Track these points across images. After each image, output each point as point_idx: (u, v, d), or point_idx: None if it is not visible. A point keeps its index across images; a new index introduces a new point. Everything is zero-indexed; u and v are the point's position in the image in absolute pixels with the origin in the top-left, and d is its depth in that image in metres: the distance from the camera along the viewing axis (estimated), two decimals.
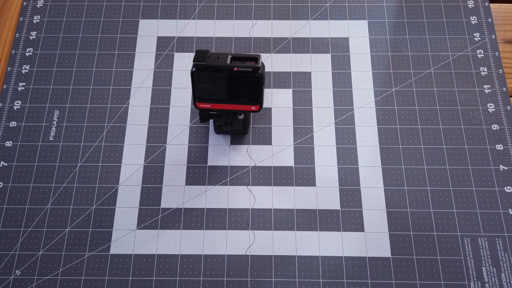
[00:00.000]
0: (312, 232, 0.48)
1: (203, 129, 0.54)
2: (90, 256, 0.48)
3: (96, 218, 0.49)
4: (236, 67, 0.42)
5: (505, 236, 0.48)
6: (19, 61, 0.58)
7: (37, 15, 0.60)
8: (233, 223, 0.49)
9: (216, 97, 0.45)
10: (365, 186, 0.50)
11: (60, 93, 0.56)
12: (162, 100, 0.55)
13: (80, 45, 0.58)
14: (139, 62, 0.57)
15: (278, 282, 0.46)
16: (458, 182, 0.51)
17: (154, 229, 0.49)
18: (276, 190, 0.50)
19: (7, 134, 0.53)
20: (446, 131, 0.53)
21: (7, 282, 0.47)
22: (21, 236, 0.49)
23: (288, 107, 0.55)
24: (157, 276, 0.47)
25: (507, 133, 0.53)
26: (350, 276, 0.46)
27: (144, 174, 0.51)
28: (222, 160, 0.52)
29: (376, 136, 0.53)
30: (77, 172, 0.51)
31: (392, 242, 0.48)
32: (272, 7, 0.60)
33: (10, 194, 0.50)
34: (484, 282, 0.46)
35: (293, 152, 0.52)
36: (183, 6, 0.61)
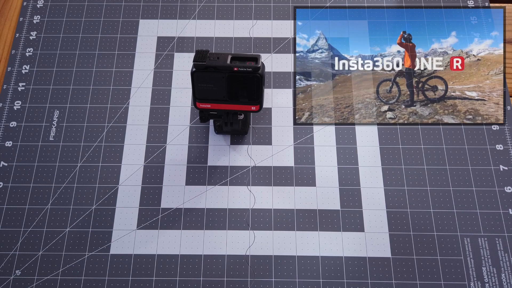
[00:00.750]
0: (312, 232, 0.48)
1: (203, 129, 0.54)
2: (90, 256, 0.48)
3: (96, 218, 0.49)
4: (236, 67, 0.42)
5: (505, 236, 0.48)
6: (19, 61, 0.58)
7: (37, 15, 0.60)
8: (233, 223, 0.49)
9: (216, 97, 0.45)
10: (365, 186, 0.50)
11: (60, 93, 0.56)
12: (162, 100, 0.55)
13: (80, 45, 0.58)
14: (139, 62, 0.57)
15: (278, 282, 0.46)
16: (458, 182, 0.51)
17: (154, 229, 0.49)
18: (276, 190, 0.50)
19: (7, 134, 0.53)
20: (446, 131, 0.53)
21: (7, 282, 0.47)
22: (21, 236, 0.49)
23: (288, 107, 0.55)
24: (157, 276, 0.47)
25: (507, 133, 0.53)
26: (350, 276, 0.46)
27: (144, 174, 0.51)
28: (222, 160, 0.52)
29: (376, 136, 0.53)
30: (77, 172, 0.51)
31: (392, 242, 0.48)
32: (272, 7, 0.60)
33: (10, 194, 0.50)
34: (484, 282, 0.46)
35: (293, 152, 0.52)
36: (183, 6, 0.61)
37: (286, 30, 0.59)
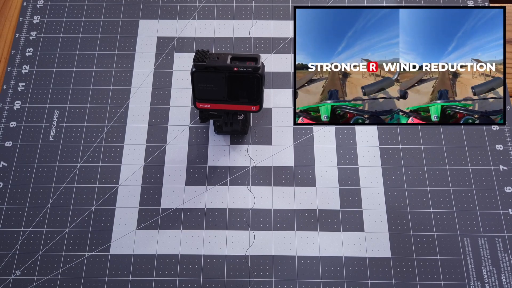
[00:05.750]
0: (312, 232, 0.48)
1: (203, 129, 0.54)
2: (90, 256, 0.48)
3: (96, 218, 0.49)
4: (236, 67, 0.42)
5: (505, 236, 0.48)
6: (19, 61, 0.58)
7: (37, 15, 0.60)
8: (233, 223, 0.49)
9: (216, 97, 0.45)
10: (365, 186, 0.51)
11: (60, 93, 0.56)
12: (162, 100, 0.55)
13: (80, 45, 0.58)
14: (139, 62, 0.57)
15: (278, 282, 0.46)
16: (458, 182, 0.51)
17: (154, 229, 0.49)
18: (276, 190, 0.50)
19: (7, 134, 0.53)
20: (446, 131, 0.53)
21: (7, 282, 0.47)
22: (21, 236, 0.49)
23: (288, 107, 0.55)
24: (157, 276, 0.47)
25: (507, 133, 0.53)
26: (350, 276, 0.46)
27: (144, 174, 0.51)
28: (222, 160, 0.52)
29: (376, 136, 0.53)
30: (77, 172, 0.51)
31: (392, 242, 0.48)
32: (272, 7, 0.60)
33: (10, 194, 0.50)
34: (484, 282, 0.46)
35: (293, 152, 0.52)
36: (183, 6, 0.61)
37: (286, 30, 0.59)
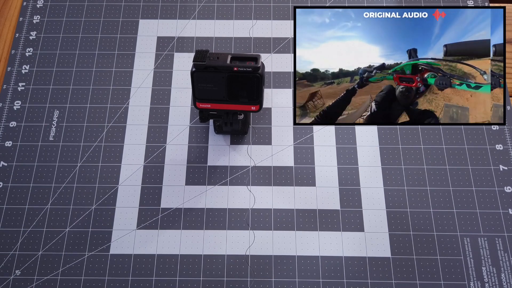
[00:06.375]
0: (312, 232, 0.48)
1: (203, 129, 0.54)
2: (90, 256, 0.48)
3: (96, 218, 0.49)
4: (236, 67, 0.42)
5: (505, 236, 0.48)
6: (19, 61, 0.58)
7: (37, 15, 0.60)
8: (233, 223, 0.49)
9: (216, 97, 0.45)
10: (365, 186, 0.51)
11: (60, 93, 0.56)
12: (162, 100, 0.55)
13: (80, 45, 0.58)
14: (139, 62, 0.57)
15: (278, 282, 0.46)
16: (458, 182, 0.51)
17: (154, 229, 0.49)
18: (276, 190, 0.50)
19: (7, 134, 0.53)
20: (446, 131, 0.53)
21: (7, 282, 0.47)
22: (21, 236, 0.49)
23: (288, 107, 0.55)
24: (157, 276, 0.47)
25: (507, 133, 0.53)
26: (350, 276, 0.46)
27: (144, 174, 0.51)
28: (222, 160, 0.52)
29: (376, 136, 0.53)
30: (77, 172, 0.51)
31: (392, 242, 0.48)
32: (272, 7, 0.60)
33: (10, 194, 0.50)
34: (484, 282, 0.46)
35: (293, 152, 0.52)
36: (183, 6, 0.61)
37: (286, 30, 0.59)
